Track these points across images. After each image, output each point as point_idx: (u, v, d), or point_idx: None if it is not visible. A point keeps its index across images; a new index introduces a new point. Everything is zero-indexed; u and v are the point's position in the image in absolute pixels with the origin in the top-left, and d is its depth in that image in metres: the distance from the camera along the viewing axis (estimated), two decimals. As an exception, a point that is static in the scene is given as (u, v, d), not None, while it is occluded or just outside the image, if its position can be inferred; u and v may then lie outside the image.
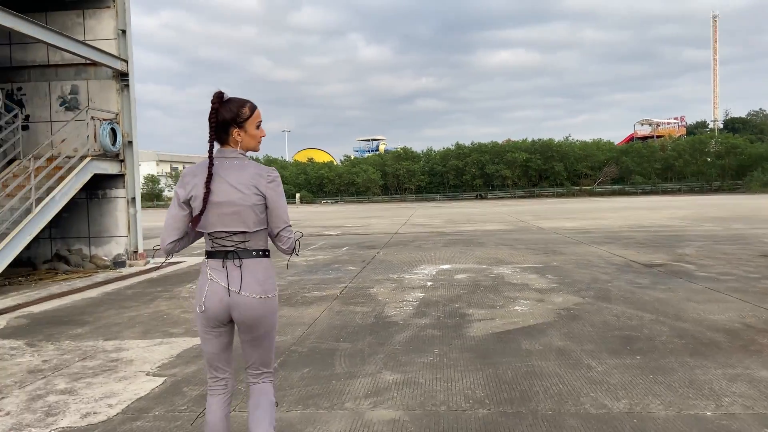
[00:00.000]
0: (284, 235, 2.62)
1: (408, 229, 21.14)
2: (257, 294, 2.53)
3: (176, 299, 8.37)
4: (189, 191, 2.53)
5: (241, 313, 2.54)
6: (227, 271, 2.52)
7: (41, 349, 5.72)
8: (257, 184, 2.52)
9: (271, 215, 2.58)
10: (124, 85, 12.62)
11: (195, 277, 10.55)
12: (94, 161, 11.61)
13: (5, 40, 12.61)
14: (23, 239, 9.69)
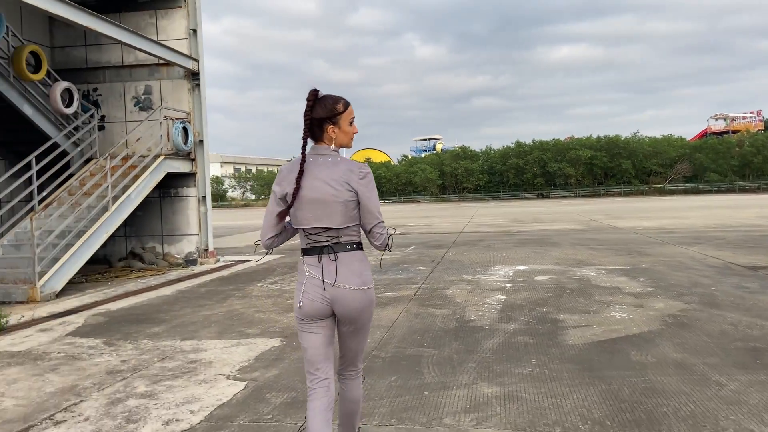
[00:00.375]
0: (377, 231, 2.61)
1: (473, 229, 20.55)
2: (356, 285, 2.55)
3: (249, 298, 8.22)
4: (285, 188, 2.58)
5: (342, 306, 2.56)
6: (323, 265, 2.55)
7: (119, 349, 5.62)
8: (349, 180, 2.54)
9: (364, 211, 2.59)
10: (195, 84, 12.70)
11: (264, 276, 10.43)
12: (167, 160, 11.71)
13: (81, 42, 12.94)
14: (100, 237, 9.82)
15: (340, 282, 2.53)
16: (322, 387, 2.60)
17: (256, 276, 10.55)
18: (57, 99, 10.94)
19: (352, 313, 2.58)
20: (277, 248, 12.94)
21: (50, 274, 8.62)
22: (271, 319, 6.73)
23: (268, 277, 10.35)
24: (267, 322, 6.61)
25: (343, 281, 2.54)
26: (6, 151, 11.66)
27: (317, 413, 2.55)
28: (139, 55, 12.76)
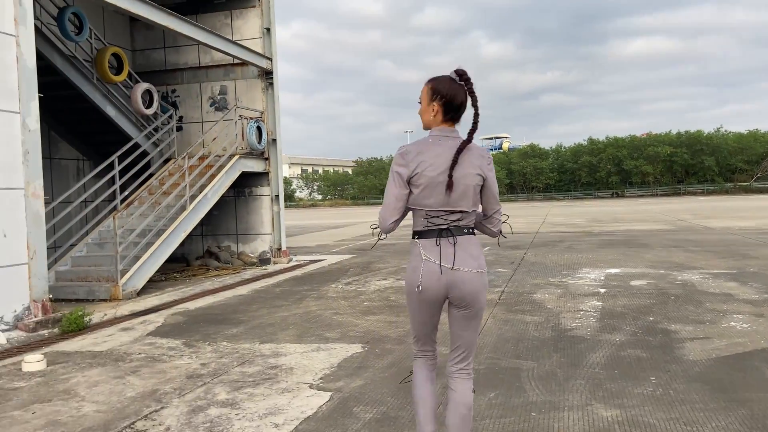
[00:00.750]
0: (496, 217, 2.70)
1: (549, 229, 19.66)
2: (474, 268, 2.54)
3: (324, 299, 7.97)
4: (413, 169, 2.52)
5: (459, 289, 2.54)
6: (441, 248, 2.53)
7: (199, 351, 5.45)
8: (481, 165, 2.56)
9: (489, 196, 2.63)
10: (269, 83, 12.66)
11: (338, 277, 10.19)
12: (241, 159, 11.72)
13: (160, 44, 13.19)
14: (178, 236, 9.87)
15: (458, 265, 2.51)
16: (428, 354, 2.78)
17: (330, 276, 10.33)
18: (138, 100, 11.14)
19: (468, 297, 2.55)
20: (348, 248, 12.62)
21: (132, 273, 8.71)
22: (350, 323, 6.42)
23: (342, 277, 10.11)
24: (346, 325, 6.31)
25: (461, 264, 2.51)
26: (92, 152, 12.02)
27: (423, 371, 2.76)
28: (215, 55, 12.87)
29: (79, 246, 9.61)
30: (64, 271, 9.07)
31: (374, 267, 11.34)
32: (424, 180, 2.50)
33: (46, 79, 9.95)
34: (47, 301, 6.78)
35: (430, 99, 2.59)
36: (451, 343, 2.72)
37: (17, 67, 6.55)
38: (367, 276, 10.13)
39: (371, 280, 9.57)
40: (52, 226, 9.19)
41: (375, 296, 8.05)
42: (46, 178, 10.95)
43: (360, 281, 9.56)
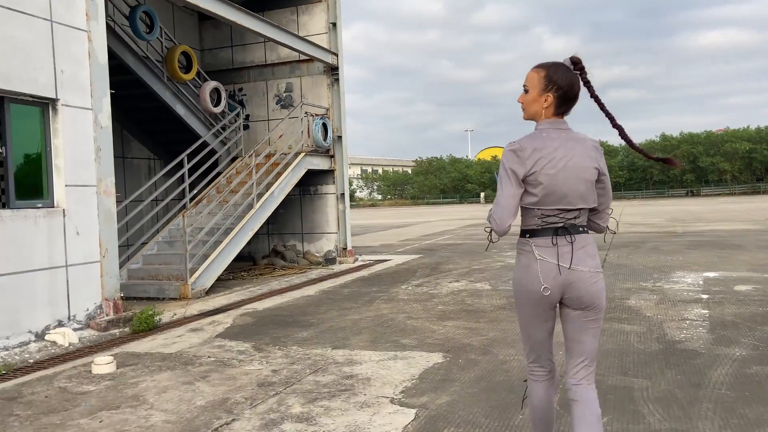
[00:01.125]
0: (607, 213, 2.57)
1: (627, 229, 18.54)
2: (592, 268, 2.40)
3: (396, 302, 7.57)
4: (530, 167, 2.34)
5: (579, 290, 2.38)
6: (558, 248, 2.38)
7: (269, 356, 5.16)
8: (597, 157, 2.43)
9: (603, 191, 2.49)
10: (335, 79, 12.41)
11: (407, 278, 9.77)
12: (307, 157, 11.51)
13: (227, 43, 13.19)
14: (246, 234, 9.74)
15: (576, 264, 2.36)
16: (544, 372, 2.52)
17: (398, 277, 9.94)
18: (206, 98, 11.12)
19: (586, 297, 2.38)
20: (414, 248, 12.11)
21: (200, 272, 8.61)
22: (426, 328, 5.98)
23: (410, 278, 9.69)
24: (422, 331, 5.88)
25: (579, 264, 2.36)
26: (162, 150, 12.14)
27: (542, 393, 2.52)
28: (281, 52, 12.75)
29: (150, 244, 9.63)
30: (135, 269, 9.09)
31: (444, 268, 10.87)
32: (543, 179, 2.34)
33: (119, 78, 10.04)
34: (119, 300, 6.70)
35: (544, 89, 2.40)
36: (569, 354, 2.50)
37: (89, 63, 6.49)
38: (438, 277, 9.67)
39: (442, 282, 9.10)
40: (124, 224, 9.25)
41: (449, 299, 7.58)
42: (119, 176, 11.08)
43: (431, 283, 9.11)
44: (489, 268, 10.58)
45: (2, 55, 5.57)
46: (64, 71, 6.20)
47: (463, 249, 14.52)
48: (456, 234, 19.98)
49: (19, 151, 5.98)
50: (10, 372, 4.97)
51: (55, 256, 6.03)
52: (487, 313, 6.59)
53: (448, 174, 76.67)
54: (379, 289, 8.67)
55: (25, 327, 5.71)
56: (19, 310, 5.66)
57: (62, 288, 6.09)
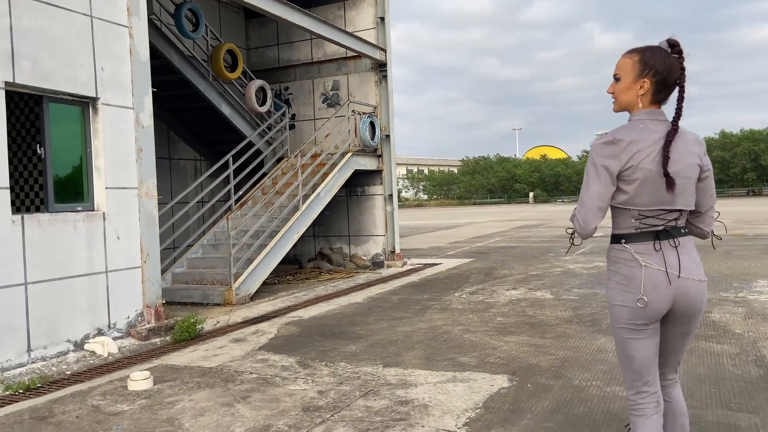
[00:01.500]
0: (711, 215, 2.30)
1: (691, 232, 17.41)
2: (700, 276, 2.16)
3: (449, 312, 7.05)
4: (626, 162, 2.09)
5: (687, 301, 2.14)
6: (663, 253, 2.12)
7: (315, 373, 4.73)
8: (699, 153, 2.19)
9: (705, 190, 2.24)
10: (382, 76, 11.97)
11: (460, 284, 9.23)
12: (354, 157, 11.10)
13: (274, 41, 12.94)
14: (291, 237, 9.40)
15: (685, 273, 2.13)
16: (652, 402, 2.21)
17: (450, 283, 9.40)
18: (252, 97, 10.86)
19: (693, 310, 2.18)
20: (465, 251, 11.54)
21: (245, 276, 8.30)
22: (486, 344, 5.44)
23: (464, 285, 9.14)
24: (482, 347, 5.34)
25: (688, 272, 2.13)
26: (208, 151, 11.96)
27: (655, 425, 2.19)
28: (327, 50, 12.40)
29: (195, 247, 9.41)
30: (180, 273, 8.88)
31: (498, 273, 10.26)
32: (640, 174, 2.10)
33: (164, 78, 9.88)
34: (160, 307, 6.43)
35: (639, 74, 2.16)
36: (663, 363, 2.32)
37: (130, 61, 6.23)
38: (493, 284, 9.08)
39: (499, 290, 8.52)
40: (170, 227, 9.06)
41: (508, 310, 7.00)
42: (165, 178, 10.99)
43: (486, 290, 8.54)
44: (548, 274, 9.92)
45: (40, 52, 5.35)
46: (105, 69, 5.95)
47: (516, 252, 13.84)
48: (508, 236, 19.24)
49: (59, 153, 5.76)
50: (45, 385, 4.72)
51: (95, 262, 5.78)
52: (552, 327, 6.00)
53: (496, 173, 75.31)
54: (431, 297, 8.16)
55: (63, 336, 5.48)
56: (57, 318, 5.42)
57: (102, 295, 5.84)
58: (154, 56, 9.53)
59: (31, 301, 5.20)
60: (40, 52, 5.34)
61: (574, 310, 6.80)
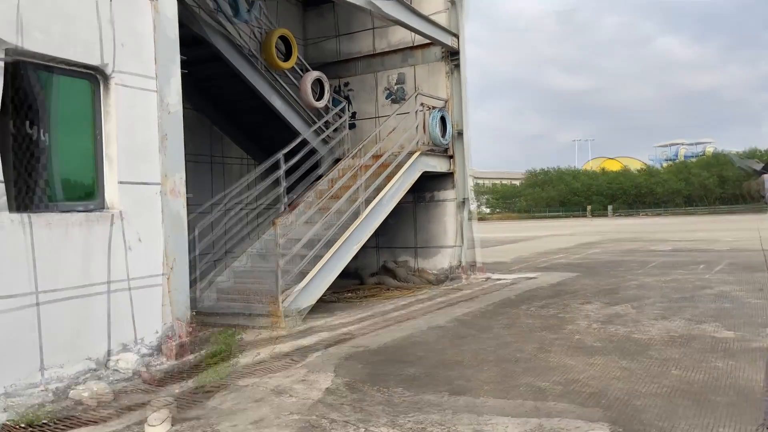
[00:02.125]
0: None
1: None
2: None
3: (563, 340, 5.44)
4: None
5: None
6: None
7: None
8: None
9: None
10: (454, 65, 10.52)
11: (548, 300, 7.56)
12: (422, 157, 9.67)
13: (332, 33, 11.75)
14: (351, 248, 8.03)
15: None
16: None
17: (537, 300, 7.74)
18: (308, 91, 9.64)
19: None
20: (542, 266, 9.73)
21: (297, 292, 6.98)
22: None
23: (554, 304, 7.47)
24: (573, 382, 3.73)
25: None
26: (259, 151, 10.80)
27: None
28: (391, 39, 11.10)
29: (242, 257, 8.20)
30: (224, 287, 7.67)
31: (583, 290, 8.51)
32: None
33: (208, 67, 8.81)
34: (189, 325, 5.17)
35: None
36: None
37: (154, 34, 5.06)
38: (603, 303, 7.38)
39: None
40: (214, 233, 7.92)
41: (597, 335, 5.32)
42: (210, 179, 9.91)
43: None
44: (622, 287, 8.17)
45: (46, 18, 4.23)
46: (123, 42, 4.81)
47: (591, 265, 11.97)
48: (607, 248, 17.23)
49: (65, 139, 4.61)
50: (53, 422, 3.54)
51: (94, 272, 4.57)
52: (647, 350, 4.34)
53: (556, 186, 72.07)
54: (541, 321, 6.56)
55: (83, 354, 4.31)
56: (75, 333, 4.27)
57: (117, 309, 4.64)
58: (197, 42, 8.50)
59: (43, 315, 4.08)
60: (45, 19, 4.22)
61: (669, 332, 5.16)
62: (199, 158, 9.75)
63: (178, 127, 5.25)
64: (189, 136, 9.64)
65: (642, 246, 17.57)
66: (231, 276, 7.83)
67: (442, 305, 7.91)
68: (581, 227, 34.36)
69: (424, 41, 10.70)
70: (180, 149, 5.25)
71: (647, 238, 21.20)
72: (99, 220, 4.57)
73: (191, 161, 9.61)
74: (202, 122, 9.77)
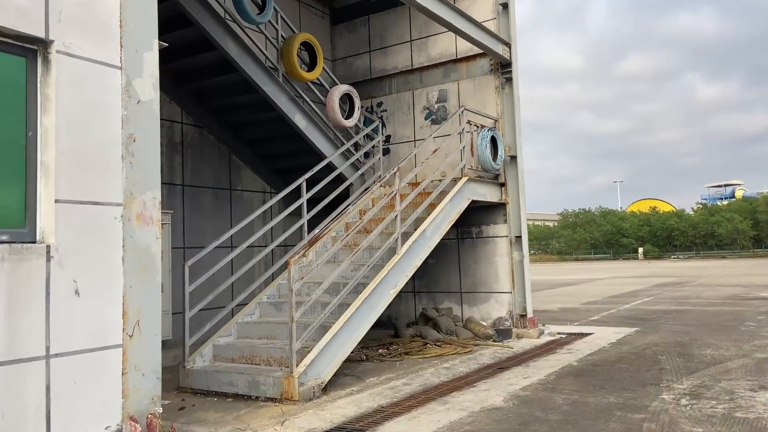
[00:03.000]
0: None
1: None
2: None
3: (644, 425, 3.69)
4: None
5: None
6: None
7: None
8: None
9: None
10: (506, 79, 9.01)
11: (654, 372, 5.77)
12: (470, 183, 8.09)
13: (364, 48, 10.43)
14: (385, 294, 6.40)
15: None
16: None
17: (636, 372, 5.95)
18: (335, 107, 8.23)
19: None
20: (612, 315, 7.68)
21: (315, 355, 5.35)
22: None
23: (662, 376, 5.67)
24: None
25: None
26: (280, 181, 9.38)
27: None
28: (431, 52, 9.71)
29: (250, 306, 6.65)
30: (225, 345, 6.08)
31: (700, 354, 6.66)
32: None
33: (222, 79, 7.50)
34: (155, 420, 3.58)
35: None
36: None
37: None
38: (713, 376, 5.55)
39: (739, 390, 5.00)
40: (226, 274, 6.43)
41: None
42: (226, 214, 8.50)
43: (710, 388, 5.05)
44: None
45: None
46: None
47: (693, 319, 10.04)
48: (656, 296, 15.20)
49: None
50: None
51: (21, 339, 3.06)
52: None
53: (600, 227, 69.32)
54: (622, 401, 4.80)
55: None
56: None
57: (21, 402, 3.07)
58: (207, 47, 7.22)
59: None
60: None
61: None
62: (218, 192, 8.41)
63: (153, 126, 3.79)
64: (206, 164, 8.29)
65: (744, 292, 15.47)
66: (235, 332, 6.27)
67: (493, 370, 6.19)
68: (640, 269, 32.05)
69: (468, 53, 9.29)
70: (155, 157, 3.78)
71: (729, 282, 19.03)
72: (15, 258, 3.08)
73: (207, 191, 8.28)
74: (221, 150, 8.48)
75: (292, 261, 5.35)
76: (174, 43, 7.24)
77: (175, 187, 7.93)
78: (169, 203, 7.76)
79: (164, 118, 7.86)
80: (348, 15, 10.65)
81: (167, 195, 7.79)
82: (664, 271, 28.57)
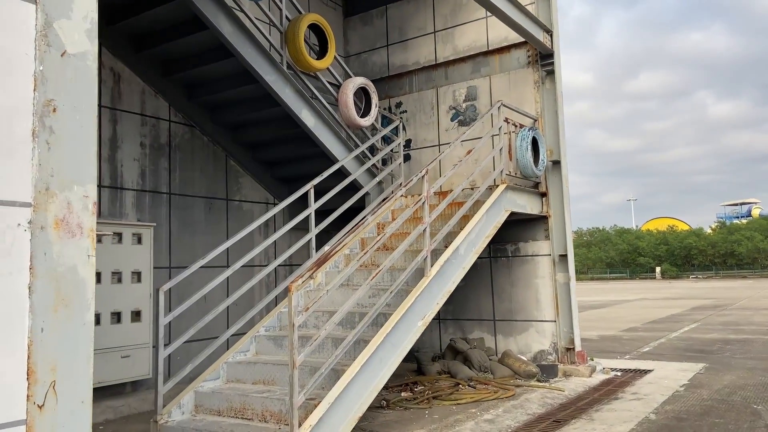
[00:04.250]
0: None
1: None
2: None
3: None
4: None
5: None
6: None
7: None
8: None
9: None
10: (546, 72, 7.80)
11: (743, 419, 4.42)
12: (508, 192, 6.83)
13: (381, 42, 9.29)
14: (413, 325, 5.11)
15: None
16: None
17: (732, 428, 4.61)
18: (349, 103, 7.04)
19: None
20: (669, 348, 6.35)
21: (323, 409, 4.06)
22: None
23: (731, 412, 4.32)
24: None
25: None
26: (284, 189, 8.18)
27: None
28: (458, 44, 8.55)
29: (243, 342, 5.38)
30: (210, 393, 4.81)
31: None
32: None
33: (216, 67, 6.34)
34: None
35: None
36: None
37: None
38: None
39: None
40: (214, 302, 5.19)
41: None
42: (222, 228, 7.30)
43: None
44: None
45: None
46: None
47: (762, 349, 8.65)
48: (702, 321, 13.75)
49: None
50: None
51: None
52: None
53: (615, 246, 67.59)
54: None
55: None
56: None
57: None
58: (199, 26, 6.07)
59: None
60: None
61: None
62: (214, 203, 7.25)
63: (87, 91, 2.55)
64: (198, 170, 7.12)
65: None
66: (223, 374, 5.00)
67: (548, 424, 4.88)
68: (666, 290, 30.45)
69: (501, 43, 8.13)
70: (88, 137, 2.55)
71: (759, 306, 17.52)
72: None
73: (200, 201, 7.08)
74: (216, 155, 7.33)
75: (294, 287, 4.08)
76: (158, 23, 6.12)
77: (161, 195, 6.74)
78: (152, 214, 6.57)
79: (148, 114, 6.71)
80: (363, 6, 9.53)
81: (150, 205, 6.60)
82: (691, 293, 27.01)
